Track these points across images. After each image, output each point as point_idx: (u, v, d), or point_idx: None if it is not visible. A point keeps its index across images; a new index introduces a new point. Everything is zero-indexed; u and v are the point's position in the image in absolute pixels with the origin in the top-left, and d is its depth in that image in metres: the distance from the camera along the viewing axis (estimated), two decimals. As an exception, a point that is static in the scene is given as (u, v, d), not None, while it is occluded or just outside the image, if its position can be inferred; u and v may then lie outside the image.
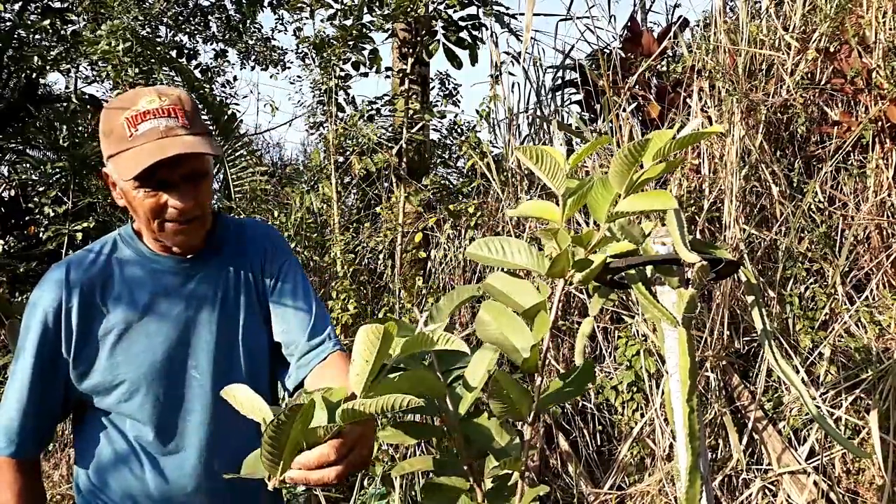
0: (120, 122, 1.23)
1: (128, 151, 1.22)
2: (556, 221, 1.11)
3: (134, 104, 1.24)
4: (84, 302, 1.30)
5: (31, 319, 1.31)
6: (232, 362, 1.37)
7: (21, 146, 5.98)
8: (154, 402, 1.31)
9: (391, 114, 4.66)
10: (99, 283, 1.32)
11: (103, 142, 1.27)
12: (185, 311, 1.35)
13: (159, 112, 1.23)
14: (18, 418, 1.30)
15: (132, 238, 1.37)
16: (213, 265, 1.39)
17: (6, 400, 1.31)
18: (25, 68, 5.81)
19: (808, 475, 2.80)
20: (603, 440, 3.21)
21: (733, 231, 3.17)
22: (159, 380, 1.31)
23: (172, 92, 1.28)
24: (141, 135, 1.22)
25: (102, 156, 1.30)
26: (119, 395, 1.31)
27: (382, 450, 3.15)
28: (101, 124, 1.28)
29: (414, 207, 3.99)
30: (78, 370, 1.30)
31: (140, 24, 5.39)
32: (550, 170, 1.07)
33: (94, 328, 1.30)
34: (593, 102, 4.09)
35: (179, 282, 1.36)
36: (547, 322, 1.13)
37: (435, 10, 4.43)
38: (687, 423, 1.24)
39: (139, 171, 1.19)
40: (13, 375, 1.31)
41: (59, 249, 4.85)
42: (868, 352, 2.92)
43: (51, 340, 1.30)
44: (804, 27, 3.66)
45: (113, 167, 1.25)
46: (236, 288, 1.40)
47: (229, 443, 1.35)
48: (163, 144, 1.21)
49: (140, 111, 1.23)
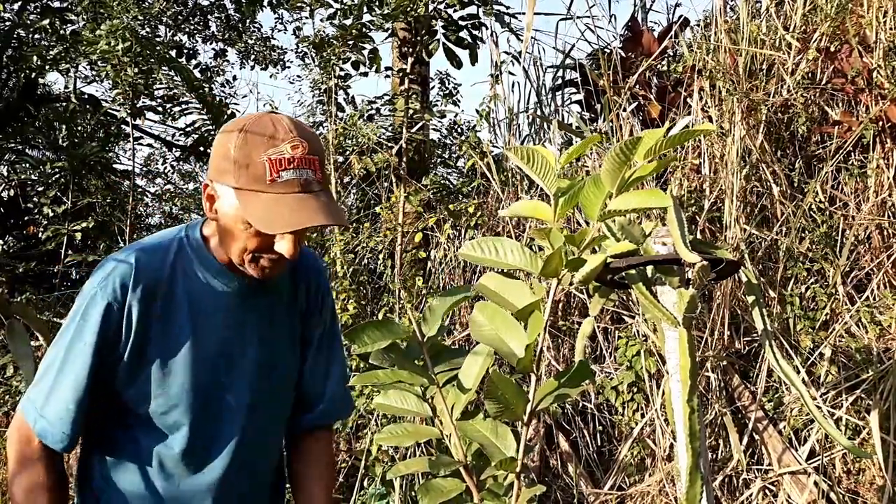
0: (261, 161, 1.17)
1: (263, 195, 1.16)
2: (550, 221, 1.10)
3: (275, 141, 1.18)
4: (146, 303, 1.25)
5: (92, 309, 1.22)
6: (268, 391, 1.37)
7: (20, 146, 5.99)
8: (190, 419, 1.28)
9: (391, 113, 4.65)
10: (163, 286, 1.27)
11: (230, 167, 1.19)
12: (236, 333, 1.32)
13: (302, 162, 1.18)
14: (75, 409, 1.23)
15: (199, 244, 1.31)
16: (270, 291, 1.36)
17: (59, 386, 1.23)
18: (25, 68, 5.81)
19: (808, 475, 2.80)
20: (603, 440, 3.20)
21: (734, 231, 3.16)
22: (199, 399, 1.28)
23: (310, 136, 1.22)
24: (281, 183, 1.16)
25: (211, 169, 1.23)
26: (157, 406, 1.27)
27: (382, 450, 3.15)
28: (234, 148, 1.19)
29: (414, 207, 3.98)
30: (124, 372, 1.25)
31: (140, 24, 5.38)
32: (541, 169, 1.06)
33: (149, 333, 1.25)
34: (593, 102, 4.08)
35: (237, 302, 1.32)
36: (541, 322, 1.12)
37: (435, 9, 4.42)
38: (687, 424, 1.23)
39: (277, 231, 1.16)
40: (66, 362, 1.23)
41: (59, 249, 4.85)
42: (869, 352, 2.91)
43: (112, 334, 1.23)
44: (805, 27, 3.65)
45: (239, 202, 1.19)
46: (287, 317, 1.40)
47: (247, 474, 1.37)
48: (303, 204, 1.16)
49: (285, 157, 1.17)
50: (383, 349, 1.34)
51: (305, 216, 1.16)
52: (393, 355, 1.36)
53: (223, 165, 1.20)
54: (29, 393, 1.27)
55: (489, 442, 1.26)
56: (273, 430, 1.42)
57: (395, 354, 1.36)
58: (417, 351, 1.35)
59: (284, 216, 1.15)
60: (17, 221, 5.72)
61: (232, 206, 1.20)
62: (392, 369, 1.33)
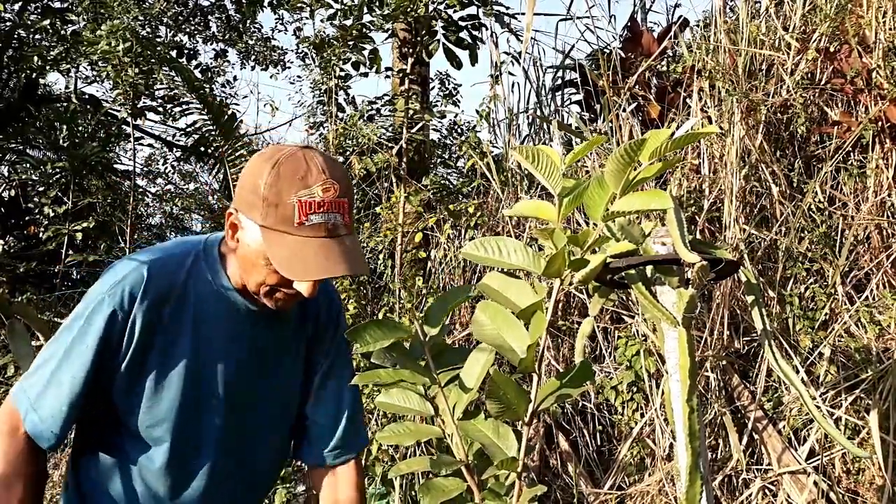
0: (291, 202, 1.14)
1: (289, 237, 1.15)
2: (553, 221, 1.11)
3: (307, 181, 1.15)
4: (151, 315, 1.22)
5: (97, 313, 1.20)
6: (262, 416, 1.36)
7: (21, 146, 5.99)
8: (172, 436, 1.27)
9: (391, 114, 4.66)
10: (172, 300, 1.24)
11: (259, 203, 1.16)
12: (242, 358, 1.30)
13: (332, 206, 1.16)
14: (67, 410, 1.21)
15: (216, 262, 1.28)
16: (277, 317, 1.34)
17: (55, 383, 1.21)
18: (25, 68, 5.82)
19: (808, 475, 2.80)
20: (603, 440, 3.20)
21: (733, 231, 3.16)
22: (184, 416, 1.27)
23: (342, 176, 1.20)
24: (309, 227, 1.15)
25: (239, 197, 1.21)
26: (143, 420, 1.26)
27: (382, 450, 3.15)
28: (264, 185, 1.16)
29: (414, 207, 3.99)
30: (122, 381, 1.24)
31: (140, 24, 5.39)
32: (547, 169, 1.07)
33: (150, 344, 1.23)
34: (593, 102, 4.08)
35: (246, 328, 1.30)
36: (543, 322, 1.12)
37: (435, 9, 4.42)
38: (687, 423, 1.24)
39: (299, 279, 1.15)
40: (65, 360, 1.21)
41: (59, 249, 4.85)
42: (868, 352, 2.92)
43: (114, 341, 1.21)
44: (804, 27, 3.65)
45: (264, 240, 1.17)
46: (293, 342, 1.38)
47: (230, 495, 1.37)
48: (328, 250, 1.15)
49: (315, 200, 1.15)
50: (385, 348, 1.34)
51: (329, 265, 1.15)
52: (395, 354, 1.36)
53: (251, 199, 1.18)
54: (22, 383, 1.25)
55: (490, 441, 1.26)
56: (262, 456, 1.40)
57: (397, 353, 1.36)
58: (419, 350, 1.36)
59: (308, 263, 1.14)
60: (18, 221, 5.73)
61: (255, 241, 1.18)
62: (394, 368, 1.34)
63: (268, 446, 1.41)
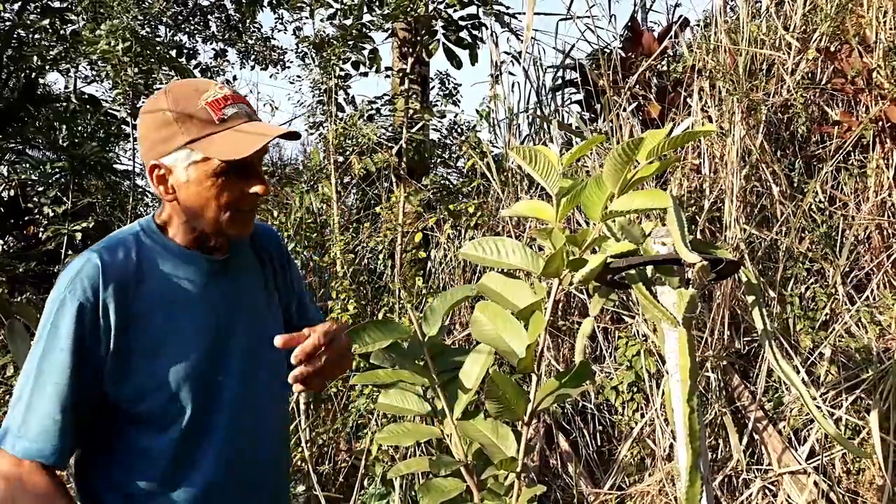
0: (201, 107, 1.21)
1: (218, 134, 1.20)
2: (551, 221, 1.11)
3: (201, 90, 1.23)
4: (119, 300, 1.20)
5: (62, 314, 1.18)
6: (260, 366, 1.34)
7: (21, 146, 5.99)
8: (187, 407, 1.24)
9: (391, 114, 4.66)
10: (132, 281, 1.22)
11: (173, 129, 1.21)
12: (219, 312, 1.29)
13: (236, 98, 1.24)
14: (62, 419, 1.16)
15: (156, 233, 1.29)
16: (238, 267, 1.36)
17: (37, 402, 1.17)
18: (25, 68, 5.82)
19: (808, 475, 2.80)
20: (603, 440, 3.20)
21: (734, 231, 3.16)
22: (196, 387, 1.24)
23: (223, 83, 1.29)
24: (229, 118, 1.21)
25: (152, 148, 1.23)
26: (153, 401, 1.22)
27: (382, 450, 3.15)
28: (167, 112, 1.21)
29: (414, 207, 3.98)
30: (112, 371, 1.20)
31: (140, 24, 5.39)
32: (544, 169, 1.06)
33: (128, 329, 1.20)
34: (593, 102, 4.08)
35: (212, 281, 1.30)
36: (542, 322, 1.12)
37: (435, 9, 4.42)
38: (687, 424, 1.23)
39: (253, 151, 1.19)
40: (41, 375, 1.17)
41: (59, 249, 4.85)
42: (868, 352, 2.91)
43: (88, 335, 1.18)
44: (805, 27, 3.65)
45: (198, 152, 1.20)
46: (262, 289, 1.40)
47: (247, 455, 1.32)
48: (257, 127, 1.22)
49: (219, 97, 1.22)
50: (384, 349, 1.34)
51: (265, 131, 1.21)
52: (394, 355, 1.36)
53: (164, 134, 1.22)
54: (3, 424, 1.20)
55: (490, 442, 1.26)
56: (271, 405, 1.38)
57: (396, 354, 1.36)
58: (418, 350, 1.36)
59: (247, 140, 1.19)
60: (17, 221, 5.72)
61: (191, 168, 1.22)
62: (393, 369, 1.34)
63: (272, 393, 1.39)
